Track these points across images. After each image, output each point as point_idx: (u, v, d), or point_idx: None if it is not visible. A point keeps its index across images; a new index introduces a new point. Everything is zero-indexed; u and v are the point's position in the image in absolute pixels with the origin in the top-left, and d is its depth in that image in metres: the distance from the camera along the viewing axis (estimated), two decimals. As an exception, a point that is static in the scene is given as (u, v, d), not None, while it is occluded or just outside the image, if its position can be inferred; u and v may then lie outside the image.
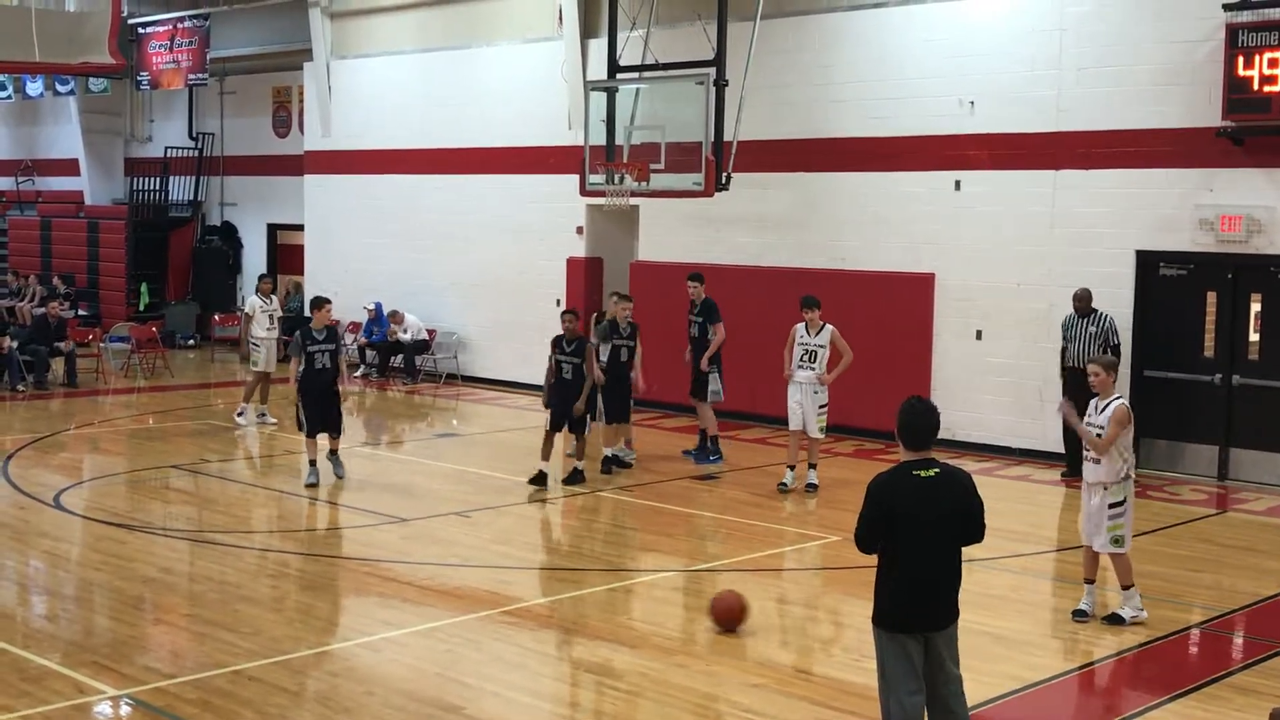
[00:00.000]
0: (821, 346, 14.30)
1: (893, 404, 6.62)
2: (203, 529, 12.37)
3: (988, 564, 11.33)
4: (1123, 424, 9.58)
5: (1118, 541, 9.72)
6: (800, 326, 14.39)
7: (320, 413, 14.20)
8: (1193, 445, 15.80)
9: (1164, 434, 15.90)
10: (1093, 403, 9.93)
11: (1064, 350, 15.51)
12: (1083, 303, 15.38)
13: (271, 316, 18.39)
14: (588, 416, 14.42)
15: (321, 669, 8.64)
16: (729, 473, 15.34)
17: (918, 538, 6.27)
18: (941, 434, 6.64)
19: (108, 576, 10.60)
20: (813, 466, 14.51)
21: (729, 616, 9.38)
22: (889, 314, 17.62)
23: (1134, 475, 9.89)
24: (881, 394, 17.62)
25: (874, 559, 6.45)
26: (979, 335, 16.99)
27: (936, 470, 6.34)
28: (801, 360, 14.32)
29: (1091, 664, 9.25)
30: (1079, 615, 9.92)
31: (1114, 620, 9.79)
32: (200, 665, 8.51)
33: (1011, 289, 16.71)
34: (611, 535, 12.77)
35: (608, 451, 15.30)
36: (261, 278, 19.88)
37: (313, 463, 14.10)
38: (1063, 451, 15.65)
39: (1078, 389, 15.14)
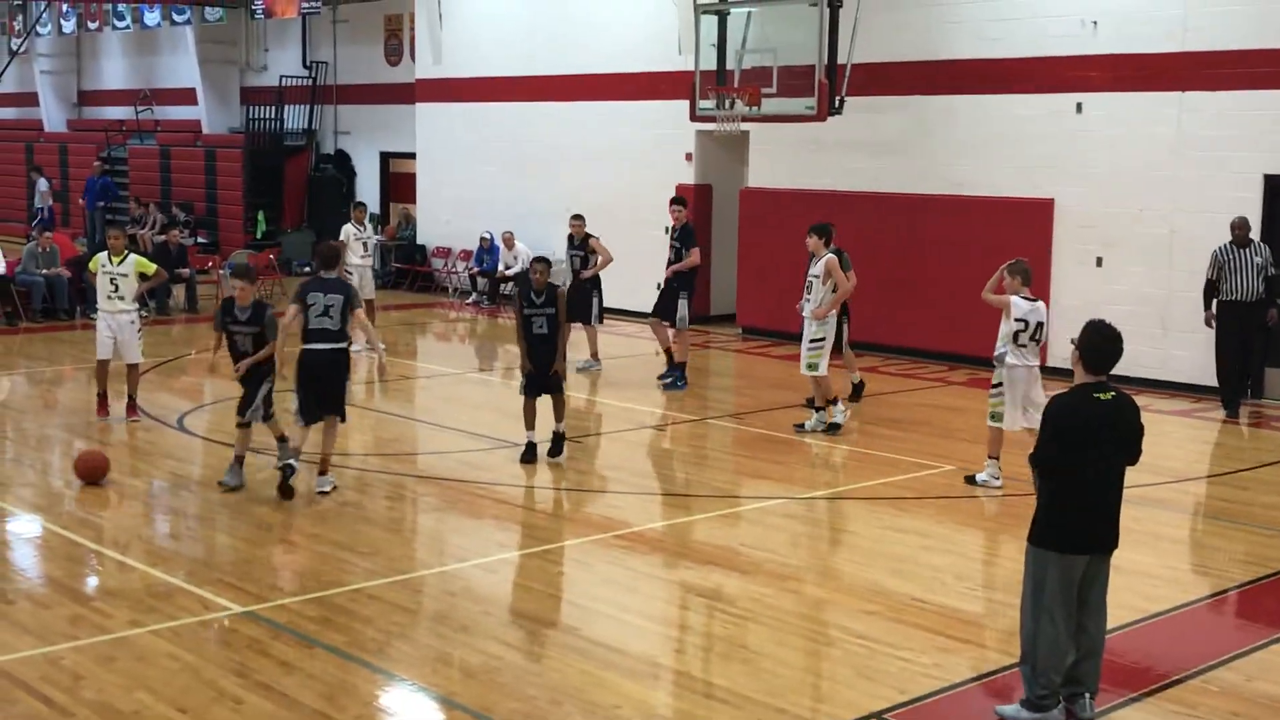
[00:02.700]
0: (815, 277, 13.08)
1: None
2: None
3: (1106, 494, 11.15)
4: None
5: (995, 417, 11.14)
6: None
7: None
8: (1322, 376, 15.37)
9: (1292, 364, 15.49)
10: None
11: (1214, 282, 14.72)
12: (1242, 231, 14.60)
13: (365, 244, 18.52)
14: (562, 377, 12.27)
15: (439, 588, 8.79)
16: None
17: (1098, 459, 6.44)
18: (1058, 363, 6.63)
19: (231, 498, 10.84)
20: (818, 409, 13.44)
21: (91, 470, 10.91)
22: (1006, 240, 17.20)
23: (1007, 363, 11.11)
24: (998, 323, 17.37)
25: (985, 489, 6.37)
26: (1099, 262, 16.61)
27: (1113, 394, 6.52)
28: (805, 292, 13.32)
29: (1212, 596, 9.07)
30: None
31: (970, 481, 11.31)
32: (321, 584, 8.69)
33: (1134, 214, 16.29)
34: (722, 462, 12.77)
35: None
36: (355, 205, 19.96)
37: (238, 460, 11.10)
38: (1189, 381, 15.34)
39: (1234, 323, 14.68)
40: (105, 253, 13.77)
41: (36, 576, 8.95)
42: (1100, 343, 6.52)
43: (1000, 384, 11.09)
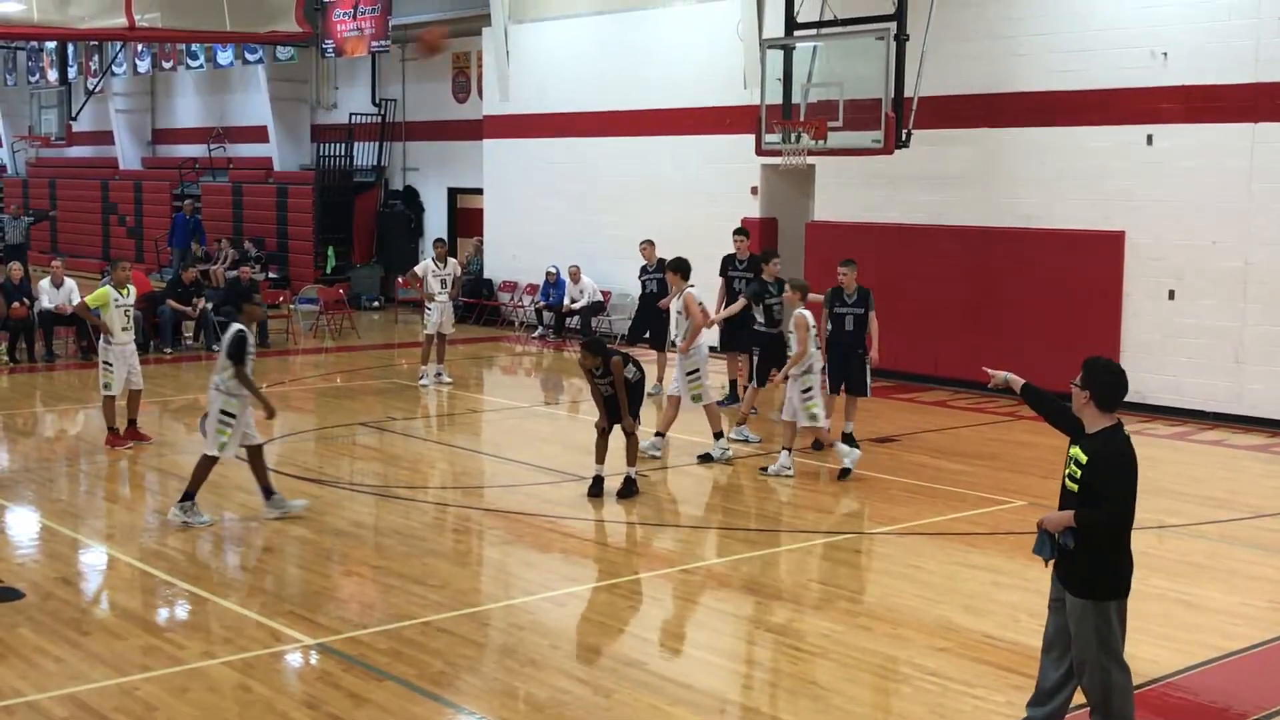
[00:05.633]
0: (679, 312, 13.86)
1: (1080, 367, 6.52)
2: (389, 484, 12.67)
3: (1185, 530, 10.98)
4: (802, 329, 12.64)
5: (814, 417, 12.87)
6: None
7: None
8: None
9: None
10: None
11: None
12: None
13: (444, 280, 18.57)
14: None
15: (507, 621, 8.79)
16: (907, 436, 15.12)
17: (1135, 500, 6.33)
18: (1133, 397, 6.51)
19: (300, 530, 10.93)
20: (717, 436, 13.71)
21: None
22: (1076, 274, 17.13)
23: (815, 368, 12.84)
24: (1069, 357, 17.13)
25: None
26: (1171, 295, 16.40)
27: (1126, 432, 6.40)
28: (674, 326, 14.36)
29: (1294, 635, 8.88)
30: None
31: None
32: (390, 616, 8.72)
33: (1206, 247, 16.08)
34: (790, 496, 12.70)
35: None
36: (436, 242, 20.09)
37: None
38: (1265, 416, 15.04)
39: None
40: (110, 287, 13.90)
41: (110, 608, 9.05)
42: (1114, 381, 6.31)
43: (811, 387, 12.69)
